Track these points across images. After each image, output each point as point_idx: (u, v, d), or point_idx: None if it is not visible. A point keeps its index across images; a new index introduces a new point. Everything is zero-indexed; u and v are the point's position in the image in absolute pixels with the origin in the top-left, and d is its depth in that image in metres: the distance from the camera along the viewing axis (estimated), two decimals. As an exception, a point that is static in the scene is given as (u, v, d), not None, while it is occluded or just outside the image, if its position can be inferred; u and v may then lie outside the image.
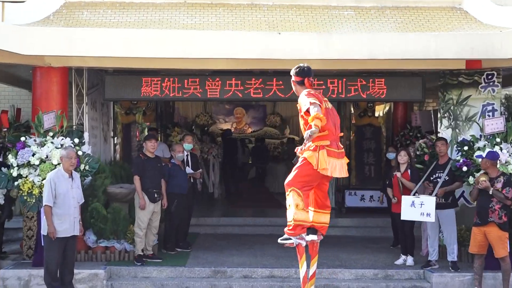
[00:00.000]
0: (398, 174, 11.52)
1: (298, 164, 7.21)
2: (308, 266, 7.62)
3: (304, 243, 7.31)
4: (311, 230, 7.46)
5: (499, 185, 9.93)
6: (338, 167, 7.15)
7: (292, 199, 7.14)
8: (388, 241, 13.05)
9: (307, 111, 6.88)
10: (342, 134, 7.57)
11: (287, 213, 7.18)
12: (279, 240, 7.35)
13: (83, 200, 10.03)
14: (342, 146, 7.35)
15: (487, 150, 10.56)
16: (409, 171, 11.48)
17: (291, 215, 7.08)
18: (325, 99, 7.39)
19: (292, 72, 7.60)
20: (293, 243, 7.26)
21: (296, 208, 7.13)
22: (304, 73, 7.51)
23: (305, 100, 7.00)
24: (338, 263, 11.56)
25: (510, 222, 10.22)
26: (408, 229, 11.51)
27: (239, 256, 12.02)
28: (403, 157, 11.59)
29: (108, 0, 12.47)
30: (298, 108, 7.20)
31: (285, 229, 7.21)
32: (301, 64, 7.69)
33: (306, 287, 7.55)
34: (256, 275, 10.92)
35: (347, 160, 7.40)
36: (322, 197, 7.55)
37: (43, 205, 9.63)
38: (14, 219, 12.98)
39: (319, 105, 6.90)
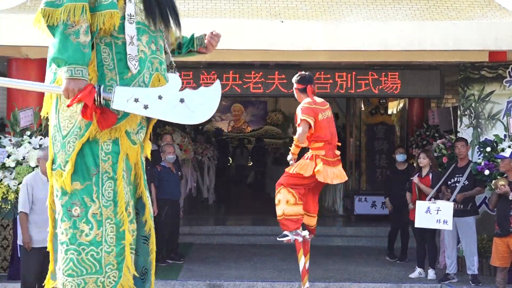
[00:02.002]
0: (416, 179, 11.53)
1: (289, 171, 8.22)
2: (305, 261, 8.48)
3: (300, 239, 8.18)
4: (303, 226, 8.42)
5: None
6: (334, 175, 8.18)
7: (282, 195, 8.11)
8: (404, 253, 13.05)
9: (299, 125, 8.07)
10: (339, 144, 8.52)
11: (276, 209, 8.10)
12: (278, 238, 8.34)
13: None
14: (338, 154, 8.33)
15: (510, 150, 10.58)
16: (430, 175, 11.45)
17: (281, 211, 7.98)
18: (326, 107, 8.38)
19: (294, 80, 8.53)
20: (290, 239, 8.15)
21: (287, 203, 8.10)
22: (306, 80, 8.44)
23: (299, 115, 8.11)
24: (347, 276, 11.59)
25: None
26: (429, 238, 11.51)
27: (237, 269, 12.06)
28: (422, 160, 11.59)
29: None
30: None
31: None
32: (303, 72, 8.63)
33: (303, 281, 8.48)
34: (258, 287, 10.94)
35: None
36: (312, 202, 8.52)
37: (18, 212, 9.66)
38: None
39: (309, 121, 8.03)
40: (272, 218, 10.70)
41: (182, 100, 4.03)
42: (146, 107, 3.97)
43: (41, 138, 10.88)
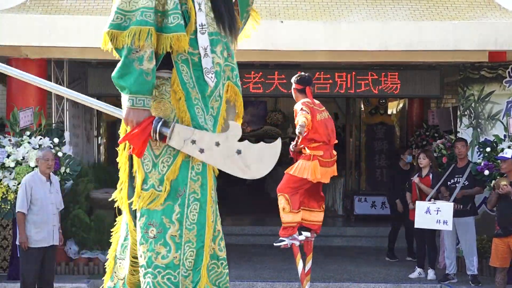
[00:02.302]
0: (416, 180, 11.53)
1: (290, 171, 8.32)
2: (304, 264, 8.52)
3: (297, 243, 8.27)
4: (305, 228, 8.52)
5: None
6: (327, 174, 8.37)
7: (280, 203, 8.25)
8: (403, 252, 13.05)
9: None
10: (336, 141, 8.63)
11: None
12: (274, 244, 8.38)
13: (63, 206, 10.03)
14: (335, 154, 8.48)
15: (511, 151, 10.58)
16: (431, 175, 11.45)
17: (281, 217, 8.15)
18: (323, 109, 8.47)
19: (293, 80, 8.56)
20: (287, 244, 8.23)
21: (283, 211, 8.21)
22: (305, 81, 8.52)
23: (298, 109, 8.22)
24: (347, 276, 11.59)
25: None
26: (429, 238, 11.51)
27: (236, 269, 12.02)
28: (422, 160, 11.59)
29: (92, -16, 12.53)
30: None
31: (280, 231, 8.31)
32: (302, 73, 8.72)
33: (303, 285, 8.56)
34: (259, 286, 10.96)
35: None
36: (313, 195, 8.59)
37: (16, 211, 9.66)
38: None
39: (308, 115, 8.10)
40: (271, 218, 10.70)
41: (239, 152, 3.87)
42: (202, 151, 3.85)
43: (40, 138, 10.88)
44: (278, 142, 4.14)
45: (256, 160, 3.88)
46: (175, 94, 4.01)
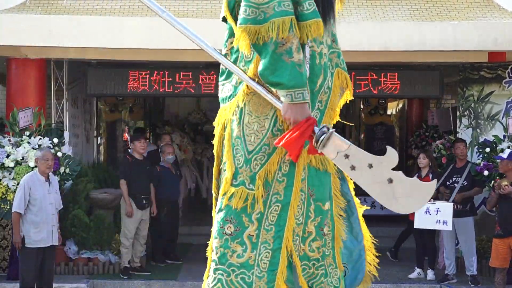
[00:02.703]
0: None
1: None
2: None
3: None
4: None
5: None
6: None
7: None
8: (403, 253, 12.98)
9: None
10: None
11: None
12: None
13: (62, 206, 10.03)
14: None
15: (509, 151, 10.58)
16: (430, 175, 11.45)
17: None
18: None
19: None
20: None
21: None
22: None
23: None
24: (346, 277, 11.51)
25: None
26: (429, 239, 11.55)
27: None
28: (422, 161, 11.62)
29: (91, -16, 12.51)
30: None
31: None
32: None
33: None
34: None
35: None
36: None
37: (12, 211, 9.65)
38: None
39: None
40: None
41: (390, 181, 3.58)
42: (353, 168, 3.58)
43: (40, 138, 10.87)
44: (433, 183, 3.87)
45: (406, 195, 3.58)
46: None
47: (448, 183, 11.16)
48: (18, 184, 10.10)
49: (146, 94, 13.72)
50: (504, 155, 10.42)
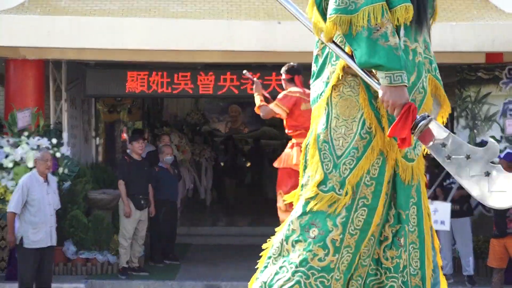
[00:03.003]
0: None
1: (278, 164, 8.64)
2: None
3: None
4: None
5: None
6: None
7: (277, 202, 8.49)
8: None
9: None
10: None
11: None
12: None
13: (60, 207, 10.03)
14: None
15: (506, 150, 10.60)
16: (427, 176, 11.45)
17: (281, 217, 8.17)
18: (308, 99, 7.92)
19: (282, 70, 8.72)
20: None
21: (279, 210, 8.36)
22: (294, 71, 8.67)
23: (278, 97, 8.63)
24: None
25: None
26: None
27: (235, 270, 11.96)
28: (418, 160, 11.63)
29: (90, -15, 12.52)
30: None
31: None
32: (291, 63, 8.83)
33: None
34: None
35: None
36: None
37: (8, 211, 9.66)
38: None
39: (279, 110, 8.50)
40: (269, 218, 10.67)
41: (487, 174, 3.46)
42: (448, 157, 3.48)
43: (38, 139, 10.87)
44: None
45: (501, 189, 3.45)
46: (364, 91, 3.75)
47: (445, 183, 11.16)
48: (16, 184, 10.12)
49: (144, 95, 13.73)
50: (501, 155, 10.44)
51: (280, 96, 8.58)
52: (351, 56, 3.62)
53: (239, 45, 11.09)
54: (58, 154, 10.86)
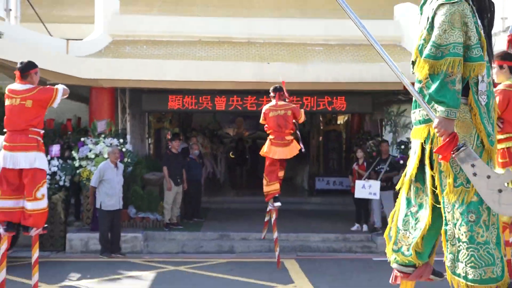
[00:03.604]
0: (355, 167, 11.67)
1: (261, 152, 8.71)
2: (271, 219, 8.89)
3: (272, 207, 8.64)
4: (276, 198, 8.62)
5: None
6: (278, 152, 8.41)
7: (264, 180, 8.64)
8: (347, 215, 12.77)
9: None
10: (289, 131, 8.59)
11: None
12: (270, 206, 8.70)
13: (123, 183, 10.19)
14: (288, 139, 8.49)
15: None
16: (365, 164, 11.59)
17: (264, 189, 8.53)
18: (282, 108, 8.52)
19: (270, 90, 8.74)
20: (271, 208, 8.64)
21: (265, 186, 8.50)
22: (276, 89, 8.65)
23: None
24: (310, 229, 11.61)
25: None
26: (364, 204, 11.54)
27: (239, 225, 12.08)
28: (359, 154, 11.80)
29: (144, 38, 12.57)
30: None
31: None
32: (276, 85, 8.80)
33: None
34: (252, 238, 10.92)
35: (299, 147, 8.65)
36: (276, 173, 8.64)
37: (90, 185, 9.85)
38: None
39: (261, 120, 8.66)
40: (260, 191, 10.77)
41: (500, 191, 3.36)
42: (474, 174, 3.37)
43: (111, 139, 10.94)
44: None
45: (508, 203, 3.39)
46: (471, 111, 3.53)
47: (376, 168, 11.25)
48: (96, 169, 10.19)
49: (180, 111, 13.81)
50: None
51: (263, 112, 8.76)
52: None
53: (241, 78, 11.16)
54: (124, 149, 10.92)
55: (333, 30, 12.68)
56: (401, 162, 11.00)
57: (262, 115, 8.65)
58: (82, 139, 10.99)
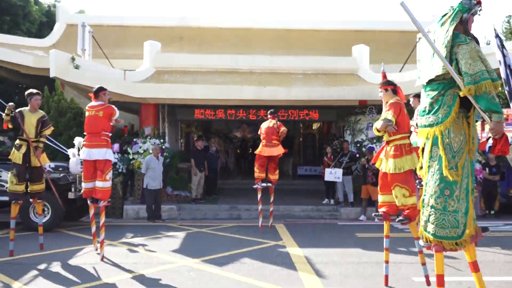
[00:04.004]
0: (325, 158, 11.65)
1: (256, 152, 8.50)
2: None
3: (260, 186, 8.59)
4: (265, 181, 8.64)
5: (371, 163, 10.05)
6: (267, 151, 8.40)
7: (255, 168, 8.53)
8: (320, 192, 12.74)
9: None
10: (276, 137, 8.48)
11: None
12: (253, 186, 8.65)
13: (162, 170, 10.16)
14: (276, 143, 8.40)
15: (368, 145, 10.69)
16: (332, 157, 11.58)
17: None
18: (271, 122, 8.48)
19: (269, 112, 8.73)
20: (259, 187, 8.62)
21: (255, 173, 8.49)
22: (271, 113, 8.72)
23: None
24: (293, 203, 11.60)
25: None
26: (332, 185, 11.50)
27: (244, 200, 12.03)
28: (328, 150, 11.79)
29: (177, 69, 12.58)
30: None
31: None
32: (272, 109, 8.82)
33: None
34: (253, 209, 10.88)
35: (282, 150, 8.54)
36: (270, 166, 8.65)
37: (141, 172, 9.79)
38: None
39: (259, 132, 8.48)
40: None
41: None
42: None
43: (154, 140, 10.96)
44: None
45: None
46: (467, 119, 3.47)
47: (340, 160, 11.24)
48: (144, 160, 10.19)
49: (203, 120, 13.81)
50: (368, 147, 10.53)
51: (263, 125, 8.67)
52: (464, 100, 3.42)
53: (245, 97, 11.19)
54: (163, 147, 10.95)
55: (309, 63, 12.73)
56: (357, 155, 11.02)
57: (259, 130, 8.68)
58: (135, 139, 11.02)
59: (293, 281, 5.38)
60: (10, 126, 6.52)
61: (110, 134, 6.33)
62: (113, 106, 6.28)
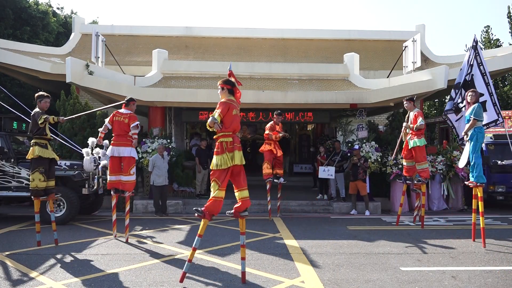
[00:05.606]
0: (319, 157, 11.62)
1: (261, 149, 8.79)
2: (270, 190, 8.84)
3: (270, 179, 8.71)
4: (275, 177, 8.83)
5: (361, 161, 10.05)
6: (269, 147, 8.61)
7: (265, 165, 8.53)
8: (314, 189, 12.98)
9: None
10: (276, 137, 8.66)
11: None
12: (266, 180, 8.87)
13: (168, 167, 10.12)
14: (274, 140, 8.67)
15: (357, 145, 10.67)
16: (325, 155, 11.55)
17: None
18: (279, 126, 8.69)
19: (275, 113, 8.75)
20: (270, 181, 8.76)
21: (264, 169, 8.52)
22: (277, 114, 8.83)
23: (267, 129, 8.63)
24: (290, 198, 11.55)
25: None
26: (325, 182, 11.49)
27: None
28: (321, 149, 11.73)
29: (183, 75, 12.54)
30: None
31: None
32: (279, 110, 8.96)
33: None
34: (253, 203, 10.77)
35: (281, 152, 8.75)
36: (276, 163, 8.72)
37: (149, 170, 9.76)
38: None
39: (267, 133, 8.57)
40: (259, 172, 10.69)
41: None
42: None
43: (162, 140, 10.91)
44: None
45: None
46: None
47: (332, 159, 11.20)
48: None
49: (205, 121, 13.75)
50: (356, 147, 10.50)
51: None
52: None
53: (245, 100, 11.08)
54: (170, 146, 10.91)
55: (304, 69, 12.68)
56: (348, 154, 10.99)
57: (266, 129, 8.92)
58: (144, 139, 10.97)
59: (289, 270, 5.38)
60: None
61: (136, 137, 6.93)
62: (136, 116, 6.92)
